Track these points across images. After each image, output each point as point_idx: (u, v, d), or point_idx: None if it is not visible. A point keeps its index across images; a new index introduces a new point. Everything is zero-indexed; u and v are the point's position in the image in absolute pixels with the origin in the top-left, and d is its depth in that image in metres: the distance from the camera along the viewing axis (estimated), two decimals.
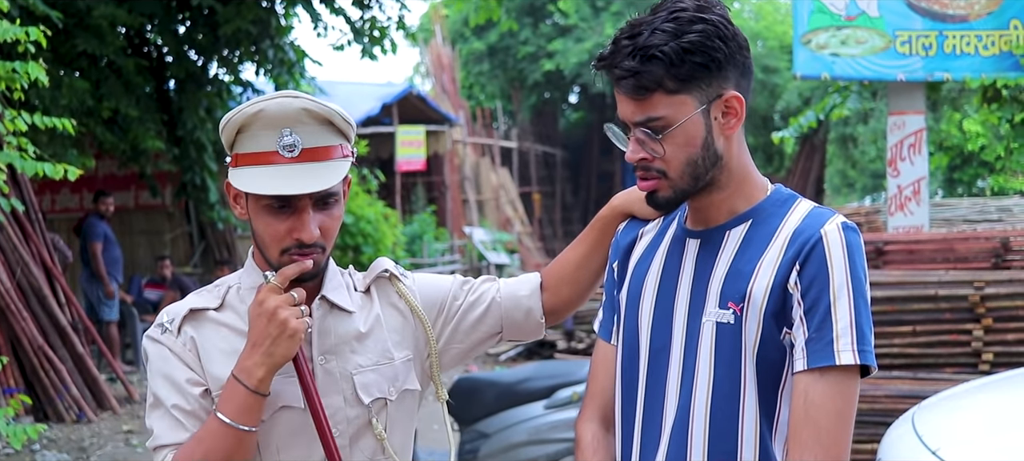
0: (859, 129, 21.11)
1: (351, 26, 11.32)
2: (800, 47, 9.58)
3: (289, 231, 1.72)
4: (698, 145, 1.64)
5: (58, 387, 7.64)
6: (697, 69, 1.60)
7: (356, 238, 12.45)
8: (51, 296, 7.80)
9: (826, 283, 1.59)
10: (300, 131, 1.71)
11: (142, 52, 10.99)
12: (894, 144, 9.68)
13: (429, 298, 1.95)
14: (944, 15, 9.40)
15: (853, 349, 1.58)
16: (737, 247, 1.68)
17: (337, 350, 1.81)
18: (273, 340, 1.66)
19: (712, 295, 1.67)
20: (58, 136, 8.43)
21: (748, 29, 27.37)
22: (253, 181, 1.70)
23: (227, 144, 1.77)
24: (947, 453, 3.26)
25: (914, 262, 6.32)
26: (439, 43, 22.83)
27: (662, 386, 1.72)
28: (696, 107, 1.62)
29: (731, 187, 1.70)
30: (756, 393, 1.65)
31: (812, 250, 1.61)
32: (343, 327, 1.83)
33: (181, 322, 1.77)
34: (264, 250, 1.76)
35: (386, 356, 1.85)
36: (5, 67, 5.14)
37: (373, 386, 1.82)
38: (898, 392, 5.24)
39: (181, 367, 1.75)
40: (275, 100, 1.71)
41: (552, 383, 5.26)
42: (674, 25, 1.59)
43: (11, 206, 6.06)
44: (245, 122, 1.72)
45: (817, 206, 1.70)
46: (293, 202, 1.71)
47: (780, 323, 1.63)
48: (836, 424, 1.58)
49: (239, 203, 1.79)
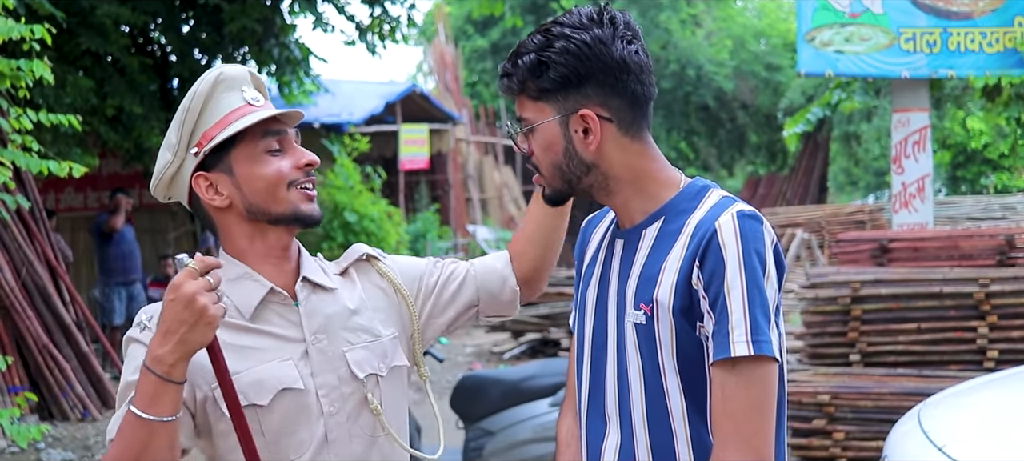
0: (863, 127, 21.08)
1: (357, 26, 11.33)
2: (804, 44, 9.58)
3: (292, 164, 1.81)
4: (559, 152, 1.72)
5: (63, 385, 7.65)
6: (551, 82, 1.68)
7: (360, 237, 12.45)
8: (56, 295, 7.81)
9: (723, 275, 1.60)
10: (253, 90, 1.84)
11: (146, 51, 11.00)
12: (898, 141, 9.68)
13: (407, 276, 2.00)
14: (948, 12, 9.39)
15: (747, 340, 1.58)
16: (651, 246, 1.72)
17: (327, 329, 1.83)
18: (190, 327, 1.60)
19: (629, 296, 1.72)
20: (62, 134, 8.45)
21: (751, 26, 27.34)
22: (250, 121, 1.78)
23: (188, 134, 1.79)
24: (953, 449, 3.26)
25: (919, 260, 6.32)
26: (442, 41, 22.81)
27: (602, 382, 1.78)
28: (552, 116, 1.71)
29: (625, 192, 1.75)
30: (680, 388, 1.67)
31: (709, 243, 1.62)
32: (329, 306, 1.86)
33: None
34: (268, 201, 1.79)
35: (374, 333, 1.89)
36: (10, 65, 5.15)
37: (365, 362, 1.85)
38: (903, 389, 5.24)
39: None
40: (225, 67, 1.83)
41: (556, 380, 5.26)
42: (543, 38, 1.69)
43: (16, 204, 6.07)
44: (210, 89, 1.79)
45: (725, 196, 1.71)
46: (284, 141, 1.82)
47: (691, 318, 1.64)
48: (753, 415, 1.59)
49: (217, 190, 1.80)
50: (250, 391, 1.75)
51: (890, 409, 5.09)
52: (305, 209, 1.81)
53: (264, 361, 1.78)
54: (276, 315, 1.82)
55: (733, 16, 27.63)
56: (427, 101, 18.62)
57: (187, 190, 1.82)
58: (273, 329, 1.81)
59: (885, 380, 5.39)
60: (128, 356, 1.77)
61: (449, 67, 22.43)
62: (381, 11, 11.33)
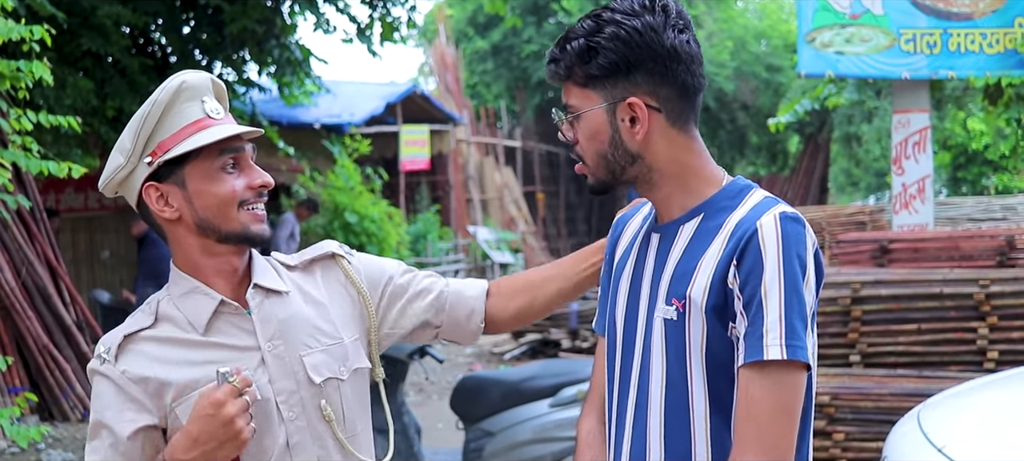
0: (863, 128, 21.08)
1: (357, 27, 11.33)
2: (804, 45, 9.57)
3: (246, 184, 1.79)
4: (605, 141, 1.69)
5: (63, 386, 7.65)
6: (599, 69, 1.65)
7: (360, 237, 12.46)
8: (56, 295, 7.81)
9: (760, 276, 1.56)
10: (214, 101, 1.81)
11: (147, 52, 11.00)
12: (898, 142, 9.67)
13: (372, 276, 1.99)
14: (949, 13, 9.38)
15: (780, 344, 1.54)
16: (687, 242, 1.68)
17: (283, 334, 1.82)
18: (220, 444, 1.66)
19: (662, 291, 1.69)
20: (63, 135, 8.44)
21: (752, 27, 27.35)
22: (210, 138, 1.75)
23: (144, 140, 1.76)
24: (953, 450, 3.26)
25: (919, 260, 6.31)
26: (443, 42, 22.82)
27: (629, 379, 1.74)
28: (599, 104, 1.68)
29: (667, 186, 1.71)
30: (705, 388, 1.64)
31: (748, 243, 1.58)
32: (283, 310, 1.84)
33: (116, 350, 1.77)
34: (218, 218, 1.77)
35: (334, 336, 1.88)
36: (10, 66, 5.15)
37: (323, 366, 1.84)
38: (903, 390, 5.23)
39: (119, 399, 1.75)
40: (187, 75, 1.79)
41: (556, 381, 5.26)
42: (593, 24, 1.65)
43: (16, 204, 6.07)
44: (171, 97, 1.75)
45: (767, 196, 1.67)
46: (240, 159, 1.79)
47: (723, 318, 1.61)
48: (777, 420, 1.55)
49: (168, 202, 1.78)
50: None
51: (890, 410, 5.09)
52: (254, 229, 1.79)
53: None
54: (229, 326, 1.81)
55: (734, 17, 27.64)
56: (428, 102, 18.62)
57: (136, 196, 1.81)
58: (227, 341, 1.80)
59: (885, 381, 5.39)
60: (95, 393, 1.78)
61: (450, 68, 22.43)
62: (382, 11, 11.33)
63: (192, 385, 1.74)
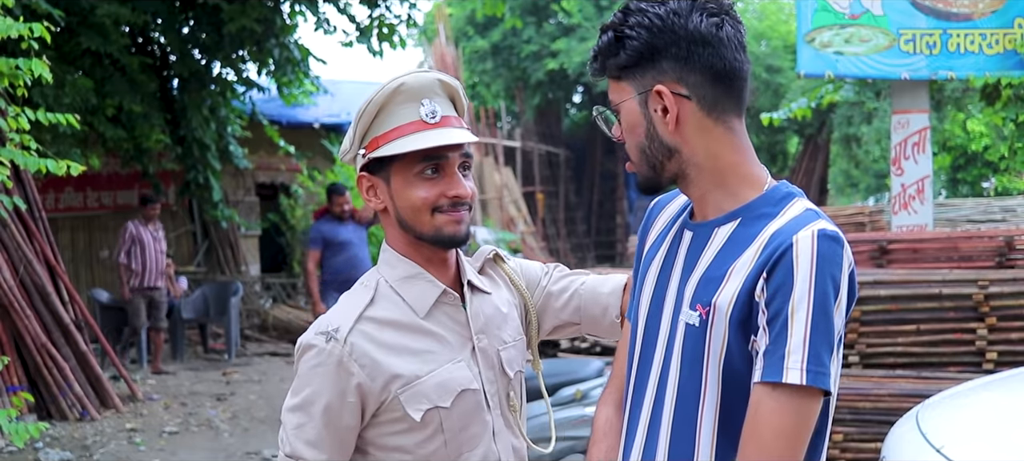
0: (863, 129, 21.06)
1: (357, 26, 11.33)
2: (804, 46, 9.56)
3: (441, 192, 1.83)
4: (642, 134, 1.66)
5: (61, 385, 7.65)
6: (627, 58, 1.63)
7: None
8: (54, 294, 7.81)
9: (789, 294, 1.50)
10: (436, 101, 1.84)
11: (146, 50, 11.00)
12: (898, 143, 9.67)
13: (529, 279, 2.09)
14: (948, 13, 9.38)
15: (802, 368, 1.48)
16: (720, 246, 1.62)
17: (486, 329, 1.93)
18: None
19: (688, 294, 1.64)
20: (61, 134, 8.44)
21: (751, 28, 27.33)
22: (407, 147, 1.79)
23: (361, 133, 1.84)
24: (951, 451, 3.26)
25: (918, 261, 6.31)
26: (443, 42, 22.81)
27: (646, 377, 1.71)
28: (632, 95, 1.65)
29: (705, 184, 1.66)
30: (716, 400, 1.59)
31: (781, 257, 1.51)
32: (488, 307, 1.95)
33: (347, 332, 1.81)
34: (413, 220, 1.84)
35: (519, 333, 2.01)
36: (8, 64, 5.15)
37: (514, 361, 1.97)
38: (902, 391, 5.23)
39: (340, 380, 1.79)
40: (411, 75, 1.84)
41: (556, 381, 5.26)
42: (621, 15, 1.64)
43: (13, 203, 6.07)
44: (387, 98, 1.81)
45: (809, 209, 1.60)
46: (443, 165, 1.82)
47: (747, 331, 1.55)
48: (782, 443, 1.50)
49: (376, 194, 1.87)
50: (434, 394, 1.83)
51: (888, 410, 5.08)
52: (448, 232, 1.85)
53: (440, 363, 1.85)
54: (446, 316, 1.89)
55: None
56: None
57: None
58: (442, 331, 1.88)
59: (884, 381, 5.38)
60: (312, 367, 1.81)
61: (449, 68, 22.42)
62: (382, 10, 11.33)
63: (417, 376, 1.82)
